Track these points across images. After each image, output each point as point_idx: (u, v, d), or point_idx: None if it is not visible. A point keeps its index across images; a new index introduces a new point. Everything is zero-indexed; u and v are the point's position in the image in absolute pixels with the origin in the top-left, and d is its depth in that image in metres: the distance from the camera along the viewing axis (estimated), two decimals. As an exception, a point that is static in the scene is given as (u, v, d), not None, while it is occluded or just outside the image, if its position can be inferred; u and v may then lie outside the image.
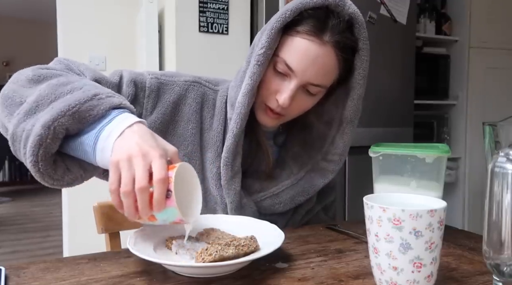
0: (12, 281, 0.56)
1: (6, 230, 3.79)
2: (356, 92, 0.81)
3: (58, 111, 0.60)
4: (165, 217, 0.58)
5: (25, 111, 0.63)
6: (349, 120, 0.83)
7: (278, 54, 0.76)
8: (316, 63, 0.74)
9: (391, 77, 2.21)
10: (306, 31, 0.74)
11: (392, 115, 2.23)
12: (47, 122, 0.59)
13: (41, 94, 0.64)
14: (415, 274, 0.49)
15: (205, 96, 0.86)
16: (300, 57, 0.74)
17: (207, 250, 0.56)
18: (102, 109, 0.62)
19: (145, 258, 0.55)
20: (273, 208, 0.85)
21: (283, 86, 0.76)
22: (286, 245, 0.71)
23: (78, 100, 0.62)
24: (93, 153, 0.61)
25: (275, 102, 0.77)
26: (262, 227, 0.70)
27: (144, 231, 0.67)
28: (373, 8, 2.12)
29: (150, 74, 0.83)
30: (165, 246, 0.65)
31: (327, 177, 0.87)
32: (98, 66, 2.58)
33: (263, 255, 0.57)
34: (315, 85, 0.76)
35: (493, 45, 2.74)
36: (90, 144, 0.62)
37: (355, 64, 0.79)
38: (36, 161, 0.60)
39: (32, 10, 5.57)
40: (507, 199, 0.48)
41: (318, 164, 0.87)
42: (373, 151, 0.78)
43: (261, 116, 0.81)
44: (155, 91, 0.81)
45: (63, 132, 0.61)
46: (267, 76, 0.77)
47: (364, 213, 0.53)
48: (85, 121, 0.62)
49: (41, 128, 0.59)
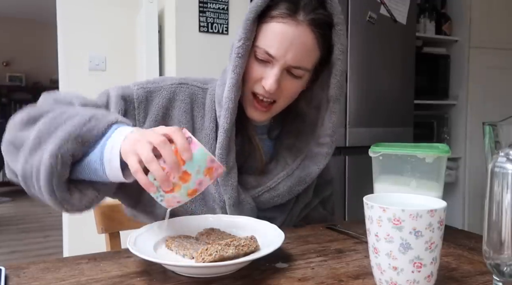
0: (12, 281, 0.56)
1: (6, 230, 3.79)
2: (338, 68, 0.80)
3: (61, 139, 0.63)
4: (197, 166, 0.59)
5: (29, 148, 0.66)
6: (334, 98, 0.83)
7: (257, 43, 0.77)
8: (294, 44, 0.75)
9: (391, 77, 2.21)
10: (280, 15, 0.75)
11: (392, 115, 2.23)
12: (53, 151, 0.63)
13: (40, 129, 0.67)
14: (415, 274, 0.49)
15: (194, 96, 0.86)
16: (278, 41, 0.75)
17: (207, 250, 0.56)
18: (101, 127, 0.66)
19: (145, 258, 0.55)
20: (272, 202, 0.85)
21: (267, 72, 0.77)
22: (286, 245, 0.71)
23: (77, 125, 0.65)
24: (102, 168, 0.64)
25: (262, 89, 0.78)
26: (262, 227, 0.70)
27: (144, 231, 0.67)
28: (373, 8, 2.12)
29: (136, 85, 0.84)
30: (165, 246, 0.65)
31: (321, 162, 0.86)
32: (98, 66, 2.58)
33: (263, 255, 0.57)
34: (297, 67, 0.77)
35: (493, 45, 2.74)
36: (97, 160, 0.65)
37: (333, 40, 0.79)
38: (52, 190, 0.64)
39: (32, 10, 5.57)
40: (507, 199, 0.48)
41: (311, 151, 0.86)
42: (373, 151, 0.78)
43: (251, 111, 0.82)
44: (144, 101, 0.82)
45: (70, 158, 0.64)
46: (250, 66, 0.78)
47: (364, 213, 0.53)
48: (88, 143, 0.65)
49: (49, 158, 0.62)
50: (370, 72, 2.16)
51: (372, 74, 2.17)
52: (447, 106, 2.81)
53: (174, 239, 0.65)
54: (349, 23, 2.08)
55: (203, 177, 0.60)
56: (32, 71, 6.14)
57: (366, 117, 2.16)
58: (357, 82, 2.12)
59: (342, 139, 2.12)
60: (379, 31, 2.15)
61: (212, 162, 0.60)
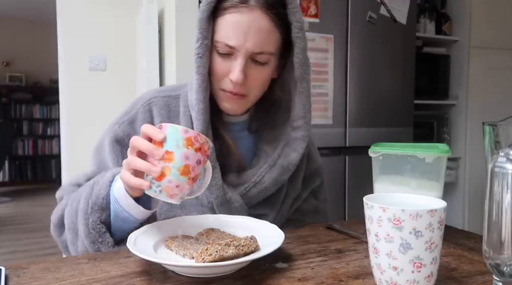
0: (12, 281, 0.56)
1: (6, 230, 3.79)
2: (298, 46, 0.80)
3: (83, 217, 0.73)
4: (174, 141, 0.60)
5: (71, 241, 0.77)
6: (300, 77, 0.82)
7: (216, 39, 0.77)
8: (252, 30, 0.74)
9: (391, 77, 2.21)
10: (232, 5, 0.75)
11: (392, 115, 2.23)
12: (85, 230, 0.72)
13: (67, 223, 0.77)
14: (415, 274, 0.49)
15: (167, 106, 0.86)
16: (235, 31, 0.75)
17: (207, 250, 0.56)
18: (105, 187, 0.73)
19: (145, 258, 0.55)
20: (260, 195, 0.85)
21: (232, 64, 0.77)
22: (286, 245, 0.71)
23: (86, 198, 0.74)
24: (128, 214, 0.71)
25: (230, 83, 0.78)
26: (262, 227, 0.70)
27: (144, 231, 0.67)
28: (373, 8, 2.12)
29: (116, 125, 0.86)
30: (165, 246, 0.65)
31: (299, 146, 0.85)
32: (98, 66, 2.58)
33: (263, 255, 0.57)
34: (260, 53, 0.76)
35: (493, 45, 2.74)
36: (119, 209, 0.71)
37: (289, 19, 0.79)
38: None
39: (32, 10, 5.57)
40: (507, 199, 0.48)
41: (289, 137, 0.86)
42: (373, 151, 0.77)
43: (225, 104, 0.82)
44: (132, 132, 0.84)
45: (102, 225, 0.72)
46: (214, 63, 0.78)
47: (364, 213, 0.53)
48: (104, 205, 0.72)
49: (86, 238, 0.72)
50: (370, 72, 2.16)
51: (372, 74, 2.17)
52: (447, 106, 2.81)
53: (174, 239, 0.65)
54: (349, 23, 2.08)
55: (185, 149, 0.60)
56: (32, 71, 6.15)
57: (366, 117, 2.16)
58: (357, 82, 2.12)
59: (342, 139, 2.12)
60: (379, 31, 2.15)
61: (186, 132, 0.61)
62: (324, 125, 2.04)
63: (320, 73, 2.01)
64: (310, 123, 0.86)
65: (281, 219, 0.91)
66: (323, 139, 2.04)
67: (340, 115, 2.09)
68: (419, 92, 2.40)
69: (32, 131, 6.16)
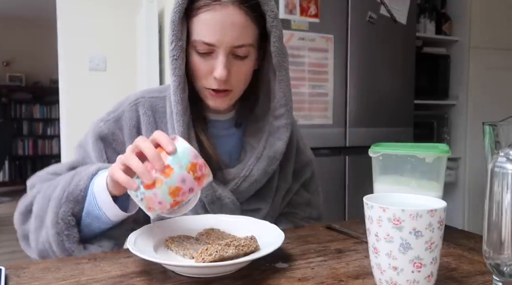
0: (12, 281, 0.56)
1: (6, 230, 3.79)
2: (274, 35, 0.81)
3: (55, 206, 0.69)
4: (180, 160, 0.58)
5: (34, 230, 0.72)
6: (279, 66, 0.83)
7: (193, 38, 0.77)
8: (228, 26, 0.75)
9: (391, 77, 2.21)
10: (205, 4, 0.75)
11: (392, 115, 2.23)
12: (53, 219, 0.68)
13: (36, 212, 0.73)
14: (415, 274, 0.49)
15: (153, 107, 0.86)
16: (212, 28, 0.75)
17: (207, 250, 0.56)
18: (86, 179, 0.71)
19: (145, 258, 0.55)
20: (251, 189, 0.86)
21: (213, 62, 0.77)
22: (286, 245, 0.71)
23: (63, 186, 0.71)
24: (102, 212, 0.69)
25: (214, 81, 0.78)
26: (262, 227, 0.70)
27: (144, 231, 0.67)
28: (373, 8, 2.12)
29: (101, 122, 0.85)
30: (165, 246, 0.65)
31: (283, 134, 0.86)
32: (98, 66, 2.58)
33: (263, 255, 0.57)
34: (239, 46, 0.77)
35: (493, 45, 2.74)
36: (94, 206, 0.69)
37: (263, 9, 0.80)
38: (70, 254, 0.69)
39: (32, 10, 5.57)
40: (507, 199, 0.48)
41: (272, 127, 0.86)
42: (373, 151, 0.77)
43: (210, 101, 0.82)
44: (116, 131, 0.84)
45: (72, 218, 0.70)
46: (194, 63, 0.79)
47: (364, 213, 0.53)
48: (79, 198, 0.70)
49: (52, 227, 0.68)
50: (370, 72, 2.15)
51: (372, 74, 2.16)
52: (447, 106, 2.81)
53: (174, 239, 0.65)
54: (349, 23, 2.08)
55: (186, 173, 0.58)
56: (32, 71, 6.14)
57: (366, 117, 2.16)
58: (357, 82, 2.12)
59: (342, 139, 2.12)
60: (379, 31, 2.15)
61: (196, 157, 0.59)
62: (324, 125, 2.04)
63: (320, 73, 2.01)
64: (292, 111, 0.87)
65: (274, 213, 0.92)
66: (323, 139, 2.04)
67: (340, 115, 2.09)
68: (419, 92, 2.40)
69: (32, 131, 6.16)
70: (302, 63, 1.96)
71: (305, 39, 1.95)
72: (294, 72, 1.94)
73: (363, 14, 2.11)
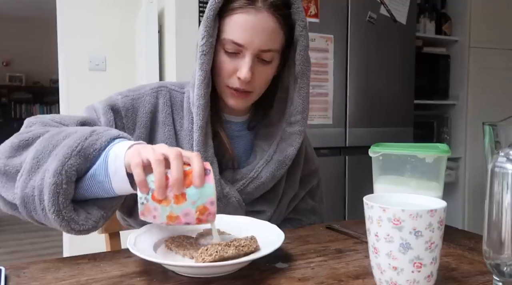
0: (12, 281, 0.56)
1: (6, 230, 3.79)
2: (301, 43, 0.83)
3: (64, 155, 0.62)
4: (197, 197, 0.57)
5: (28, 171, 0.64)
6: (301, 73, 0.85)
7: (224, 37, 0.79)
8: (259, 30, 0.78)
9: (391, 77, 2.21)
10: (240, 6, 0.78)
11: (392, 115, 2.23)
12: (57, 168, 0.61)
13: (38, 149, 0.65)
14: (415, 274, 0.49)
15: (173, 99, 0.87)
16: (243, 30, 0.77)
17: (207, 250, 0.56)
18: (104, 141, 0.65)
19: (145, 258, 0.55)
20: (257, 191, 0.86)
21: (239, 62, 0.79)
22: (286, 245, 0.71)
23: (79, 139, 0.64)
24: (108, 180, 0.63)
25: (237, 81, 0.80)
26: (262, 227, 0.70)
27: (144, 231, 0.67)
28: (373, 8, 2.12)
29: (119, 95, 0.85)
30: (165, 246, 0.65)
31: (295, 141, 0.87)
32: (98, 66, 2.58)
33: (263, 255, 0.57)
34: (266, 51, 0.79)
35: (493, 45, 2.74)
36: (102, 172, 0.64)
37: (293, 18, 0.83)
38: (59, 210, 0.61)
39: (32, 10, 5.57)
40: (507, 199, 0.48)
41: (285, 132, 0.88)
42: (373, 151, 0.77)
43: (230, 100, 0.83)
44: (130, 108, 0.84)
45: (74, 173, 0.63)
46: (220, 61, 0.80)
47: (364, 213, 0.53)
48: (91, 157, 0.64)
49: (53, 176, 0.61)
50: (370, 72, 2.15)
51: (372, 74, 2.16)
52: (447, 106, 2.81)
53: (174, 239, 0.65)
54: (349, 23, 2.08)
55: (193, 211, 0.58)
56: (32, 71, 6.14)
57: (366, 117, 2.16)
58: (357, 82, 2.12)
59: (342, 139, 2.12)
60: (379, 31, 2.15)
61: (212, 204, 0.59)
62: (324, 125, 2.04)
63: (320, 73, 2.01)
64: (307, 119, 0.88)
65: (279, 216, 0.92)
66: (323, 139, 2.04)
67: (340, 115, 2.09)
68: (419, 92, 2.40)
69: (32, 131, 6.16)
70: (302, 63, 1.96)
71: (305, 39, 1.95)
72: (294, 72, 1.94)
73: (363, 14, 2.11)
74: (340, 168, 2.11)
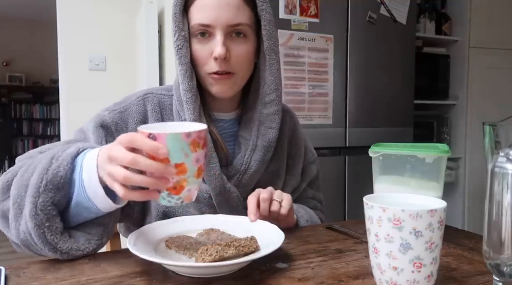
0: (12, 281, 0.56)
1: (6, 230, 3.79)
2: (264, 18, 0.83)
3: (33, 195, 0.61)
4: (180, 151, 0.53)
5: (14, 217, 0.63)
6: (269, 49, 0.84)
7: (192, 25, 0.80)
8: (224, 6, 0.78)
9: (391, 77, 2.21)
10: None
11: (392, 115, 2.23)
12: (31, 211, 0.61)
13: (14, 194, 0.64)
14: (415, 274, 0.49)
15: (161, 103, 0.87)
16: (208, 10, 0.79)
17: (207, 250, 0.56)
18: (65, 165, 0.63)
19: (145, 258, 0.55)
20: (252, 181, 0.87)
21: (212, 44, 0.80)
22: (286, 245, 0.71)
23: (41, 173, 0.62)
24: (92, 204, 0.63)
25: (215, 63, 0.80)
26: (262, 227, 0.70)
27: (144, 231, 0.67)
28: (373, 8, 2.12)
29: (106, 111, 0.84)
30: (165, 246, 0.65)
31: (274, 122, 0.87)
32: (98, 66, 2.58)
33: (263, 255, 0.57)
34: (235, 25, 0.80)
35: (493, 45, 2.74)
36: (83, 198, 0.63)
37: None
38: (53, 246, 0.62)
39: (32, 10, 5.57)
40: (507, 199, 0.48)
41: (262, 115, 0.87)
42: (373, 151, 0.77)
43: (213, 87, 0.83)
44: (120, 122, 0.83)
45: (52, 207, 0.62)
46: (195, 51, 0.81)
47: (364, 213, 0.53)
48: (61, 185, 0.63)
49: (31, 219, 0.61)
50: (370, 72, 2.15)
51: (372, 74, 2.16)
52: (447, 106, 2.81)
53: (174, 239, 0.65)
54: (349, 23, 2.08)
55: (194, 154, 0.54)
56: (32, 71, 6.14)
57: (366, 117, 2.16)
58: (357, 82, 2.12)
59: (342, 139, 2.12)
60: (379, 31, 2.15)
61: (188, 136, 0.54)
62: (324, 125, 2.04)
63: (320, 73, 2.01)
64: (282, 97, 0.88)
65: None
66: (323, 139, 2.04)
67: (340, 115, 2.09)
68: (419, 92, 2.40)
69: (32, 131, 6.16)
70: (302, 63, 1.96)
71: (305, 39, 1.95)
72: (294, 72, 1.94)
73: (363, 14, 2.11)
74: (340, 168, 2.11)
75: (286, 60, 1.92)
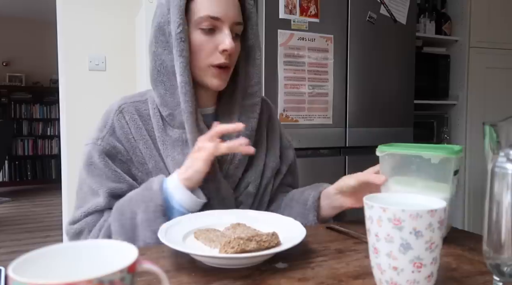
0: (12, 281, 0.56)
1: (6, 230, 3.79)
2: (253, 18, 0.88)
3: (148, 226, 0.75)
4: None
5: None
6: (252, 45, 0.88)
7: (199, 16, 0.81)
8: (230, 2, 0.82)
9: (391, 77, 2.21)
10: None
11: (392, 115, 2.23)
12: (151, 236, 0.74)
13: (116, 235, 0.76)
14: (415, 274, 0.49)
15: (138, 111, 0.88)
16: (218, 4, 0.80)
17: (230, 243, 0.59)
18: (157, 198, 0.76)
19: (175, 248, 0.58)
20: (239, 170, 0.89)
21: (218, 38, 0.82)
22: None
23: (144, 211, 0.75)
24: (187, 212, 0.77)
25: (221, 56, 0.82)
26: (286, 223, 0.73)
27: (175, 222, 0.71)
28: (373, 8, 2.12)
29: (98, 140, 0.85)
30: (194, 237, 0.68)
31: (256, 112, 0.90)
32: (98, 66, 2.58)
33: (284, 249, 0.59)
34: (238, 23, 0.83)
35: (493, 45, 2.74)
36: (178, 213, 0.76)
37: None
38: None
39: (32, 10, 5.57)
40: (507, 199, 0.48)
41: (243, 106, 0.90)
42: (380, 150, 0.77)
43: (214, 80, 0.84)
44: (115, 143, 0.84)
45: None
46: (198, 42, 0.82)
47: (364, 213, 0.53)
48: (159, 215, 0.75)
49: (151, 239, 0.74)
50: (370, 72, 2.15)
51: (372, 74, 2.17)
52: (447, 106, 2.81)
53: (202, 232, 0.69)
54: (349, 23, 2.08)
55: None
56: (32, 71, 6.14)
57: (366, 117, 2.16)
58: (357, 82, 2.12)
59: (342, 139, 2.12)
60: (379, 31, 2.15)
61: None
62: (324, 125, 2.04)
63: (320, 73, 2.01)
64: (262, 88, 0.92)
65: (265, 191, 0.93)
66: (323, 139, 2.04)
67: (340, 115, 2.09)
68: (419, 92, 2.40)
69: (32, 131, 6.16)
70: (302, 63, 1.96)
71: (305, 39, 1.95)
72: (294, 72, 1.94)
73: (363, 14, 2.11)
74: (340, 168, 2.11)
75: (286, 60, 1.92)
